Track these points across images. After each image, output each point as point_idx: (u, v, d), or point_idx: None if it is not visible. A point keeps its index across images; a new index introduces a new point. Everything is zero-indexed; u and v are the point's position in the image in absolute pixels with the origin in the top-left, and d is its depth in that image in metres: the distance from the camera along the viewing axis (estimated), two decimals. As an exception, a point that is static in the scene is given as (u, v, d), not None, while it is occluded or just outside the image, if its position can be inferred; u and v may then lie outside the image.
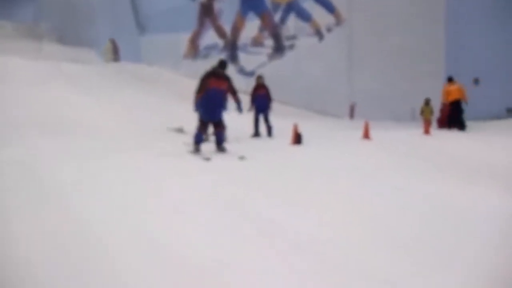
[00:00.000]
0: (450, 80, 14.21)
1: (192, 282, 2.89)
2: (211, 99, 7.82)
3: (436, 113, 14.70)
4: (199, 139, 7.85)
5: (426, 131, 11.49)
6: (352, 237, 3.75)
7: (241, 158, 7.25)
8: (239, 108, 8.26)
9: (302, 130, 9.47)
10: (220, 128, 8.04)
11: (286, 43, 22.71)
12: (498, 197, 5.13)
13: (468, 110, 13.97)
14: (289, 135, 9.44)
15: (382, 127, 13.22)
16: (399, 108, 17.79)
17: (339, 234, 3.77)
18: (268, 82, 12.30)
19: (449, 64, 18.11)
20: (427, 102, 15.56)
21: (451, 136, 11.30)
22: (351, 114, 19.14)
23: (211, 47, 26.45)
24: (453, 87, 13.76)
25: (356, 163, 7.05)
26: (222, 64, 8.16)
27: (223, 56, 25.68)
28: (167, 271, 3.00)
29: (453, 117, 13.36)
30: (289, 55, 22.47)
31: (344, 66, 19.96)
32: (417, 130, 12.60)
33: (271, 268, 3.08)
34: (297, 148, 8.86)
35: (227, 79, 8.06)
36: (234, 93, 8.10)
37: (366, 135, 10.17)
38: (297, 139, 9.26)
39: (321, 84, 19.99)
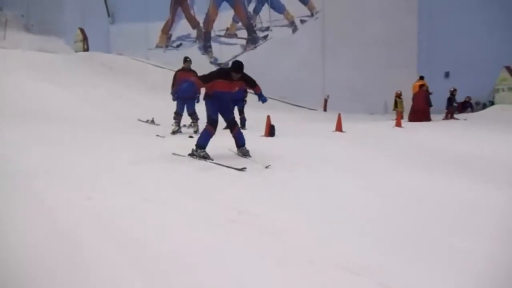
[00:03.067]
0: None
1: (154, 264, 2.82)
2: (224, 102, 6.45)
3: (408, 107, 14.88)
4: (205, 141, 6.27)
5: (398, 124, 11.59)
6: (326, 226, 3.67)
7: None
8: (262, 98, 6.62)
9: (275, 122, 9.38)
10: (236, 129, 6.56)
11: (260, 34, 22.56)
12: (462, 183, 5.20)
13: (438, 103, 14.16)
14: (262, 127, 9.34)
15: (355, 119, 13.28)
16: (372, 100, 17.96)
17: (310, 224, 3.69)
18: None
19: (421, 55, 18.36)
20: (399, 95, 15.74)
21: (421, 128, 11.42)
22: (325, 106, 19.20)
23: (184, 37, 26.07)
24: (416, 84, 13.93)
25: (328, 155, 6.99)
26: (238, 67, 6.23)
27: (196, 46, 25.43)
28: (133, 257, 2.93)
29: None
30: (262, 46, 22.36)
31: (317, 58, 19.99)
32: (390, 122, 12.69)
33: (240, 256, 3.01)
34: (269, 140, 8.76)
35: (245, 80, 6.41)
36: (254, 84, 6.52)
37: (339, 128, 10.17)
38: (270, 131, 9.17)
39: (295, 75, 19.97)
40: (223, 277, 2.75)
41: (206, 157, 6.15)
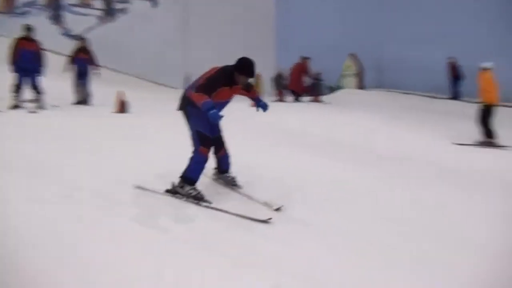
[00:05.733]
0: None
1: None
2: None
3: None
4: (197, 173, 4.21)
5: (254, 104, 11.89)
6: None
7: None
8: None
9: (130, 99, 9.03)
10: (224, 150, 4.59)
11: (117, 6, 21.26)
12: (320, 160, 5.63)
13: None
14: (114, 103, 8.97)
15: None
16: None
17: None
18: (97, 46, 11.37)
19: (279, 38, 19.05)
20: (257, 77, 16.24)
21: (275, 108, 11.99)
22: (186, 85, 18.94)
23: (30, 4, 23.40)
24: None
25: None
26: (251, 70, 4.41)
27: (45, 15, 22.96)
28: None
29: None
30: (121, 19, 21.09)
31: (179, 34, 19.52)
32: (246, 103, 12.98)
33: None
34: (120, 116, 8.44)
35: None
36: (251, 88, 4.87)
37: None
38: (122, 107, 8.80)
39: (155, 52, 19.26)
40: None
41: (199, 197, 4.10)
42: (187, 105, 4.22)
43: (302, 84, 14.41)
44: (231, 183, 4.54)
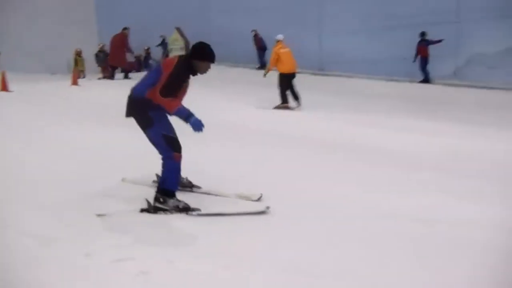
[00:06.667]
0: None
1: None
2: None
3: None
4: (175, 182, 3.72)
5: (74, 82, 11.58)
6: None
7: None
8: None
9: None
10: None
11: None
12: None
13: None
14: None
15: (34, 79, 12.61)
16: (53, 59, 16.91)
17: None
18: None
19: (100, 12, 18.26)
20: (79, 53, 15.53)
21: (97, 86, 11.85)
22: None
23: None
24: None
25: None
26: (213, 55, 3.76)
27: None
28: None
29: None
30: None
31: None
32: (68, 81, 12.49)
33: None
34: None
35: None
36: None
37: (4, 87, 9.63)
38: None
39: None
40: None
41: (186, 208, 3.58)
42: (143, 109, 3.60)
43: (123, 59, 13.49)
44: (190, 185, 4.07)
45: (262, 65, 15.40)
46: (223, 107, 8.42)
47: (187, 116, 3.46)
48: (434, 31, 12.60)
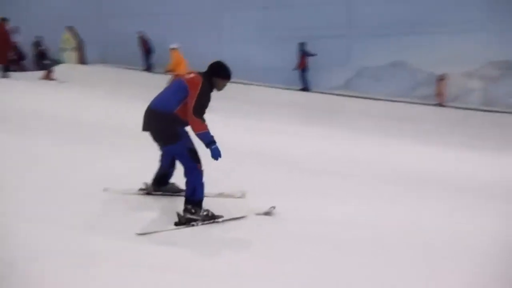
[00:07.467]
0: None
1: None
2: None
3: None
4: (202, 191, 3.74)
5: None
6: None
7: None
8: None
9: None
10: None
11: None
12: None
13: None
14: None
15: None
16: None
17: None
18: None
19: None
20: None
21: None
22: None
23: None
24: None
25: None
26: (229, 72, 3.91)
27: None
28: None
29: None
30: None
31: None
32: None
33: None
34: None
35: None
36: None
37: None
38: None
39: None
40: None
41: (214, 216, 3.71)
42: (171, 125, 3.69)
43: (4, 54, 11.86)
44: (178, 190, 4.11)
45: (148, 67, 15.33)
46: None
47: (209, 142, 3.59)
48: (327, 45, 13.38)
